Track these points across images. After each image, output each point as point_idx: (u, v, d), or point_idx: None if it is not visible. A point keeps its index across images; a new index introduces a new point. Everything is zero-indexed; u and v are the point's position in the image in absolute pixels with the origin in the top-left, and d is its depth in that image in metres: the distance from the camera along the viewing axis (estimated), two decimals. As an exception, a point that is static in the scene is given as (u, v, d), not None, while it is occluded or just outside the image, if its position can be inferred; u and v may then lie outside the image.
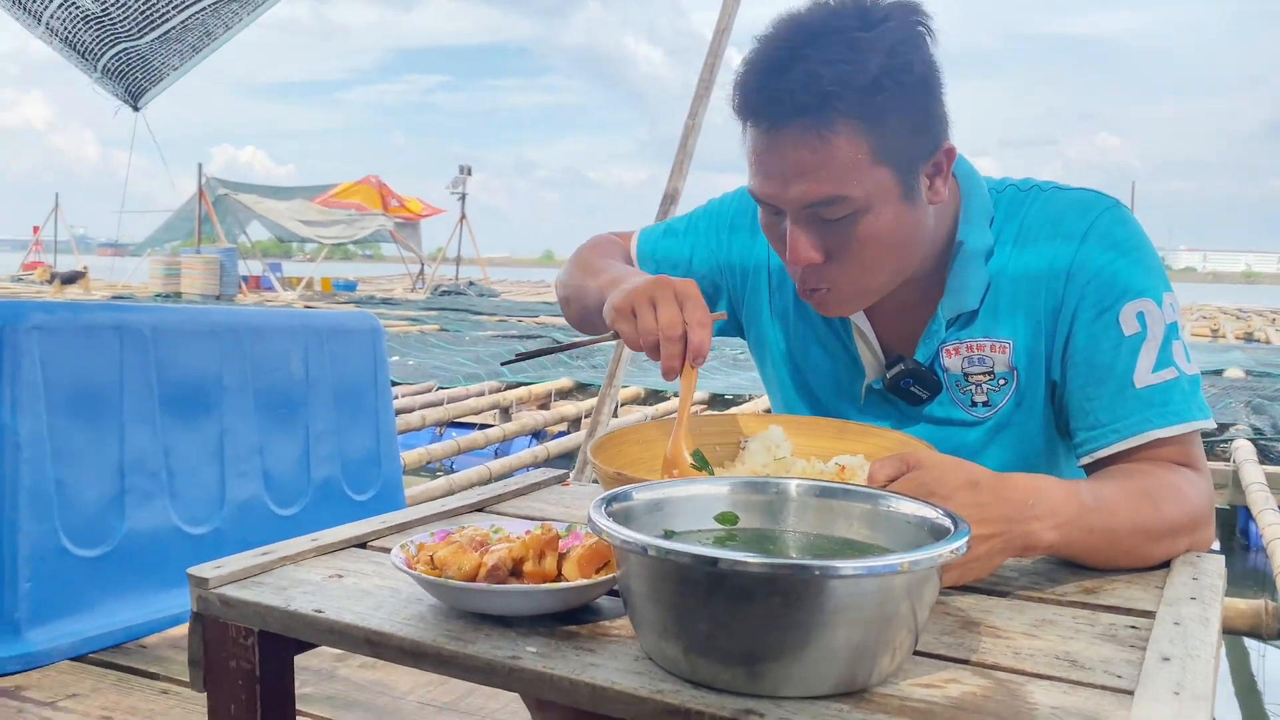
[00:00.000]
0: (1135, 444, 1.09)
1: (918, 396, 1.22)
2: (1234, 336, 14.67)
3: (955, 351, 1.20)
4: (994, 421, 1.20)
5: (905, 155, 1.09)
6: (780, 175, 1.08)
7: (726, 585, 0.68)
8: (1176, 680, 0.72)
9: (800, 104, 1.04)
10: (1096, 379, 1.11)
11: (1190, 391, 1.10)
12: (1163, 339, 1.10)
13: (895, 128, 1.07)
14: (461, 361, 7.83)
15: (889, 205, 1.09)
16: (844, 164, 1.06)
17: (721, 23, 2.39)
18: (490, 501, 1.23)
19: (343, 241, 22.80)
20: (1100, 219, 1.15)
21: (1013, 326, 1.17)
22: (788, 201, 1.09)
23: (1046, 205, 1.18)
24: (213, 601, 0.91)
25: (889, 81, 1.05)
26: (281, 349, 2.64)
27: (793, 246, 1.11)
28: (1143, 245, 1.14)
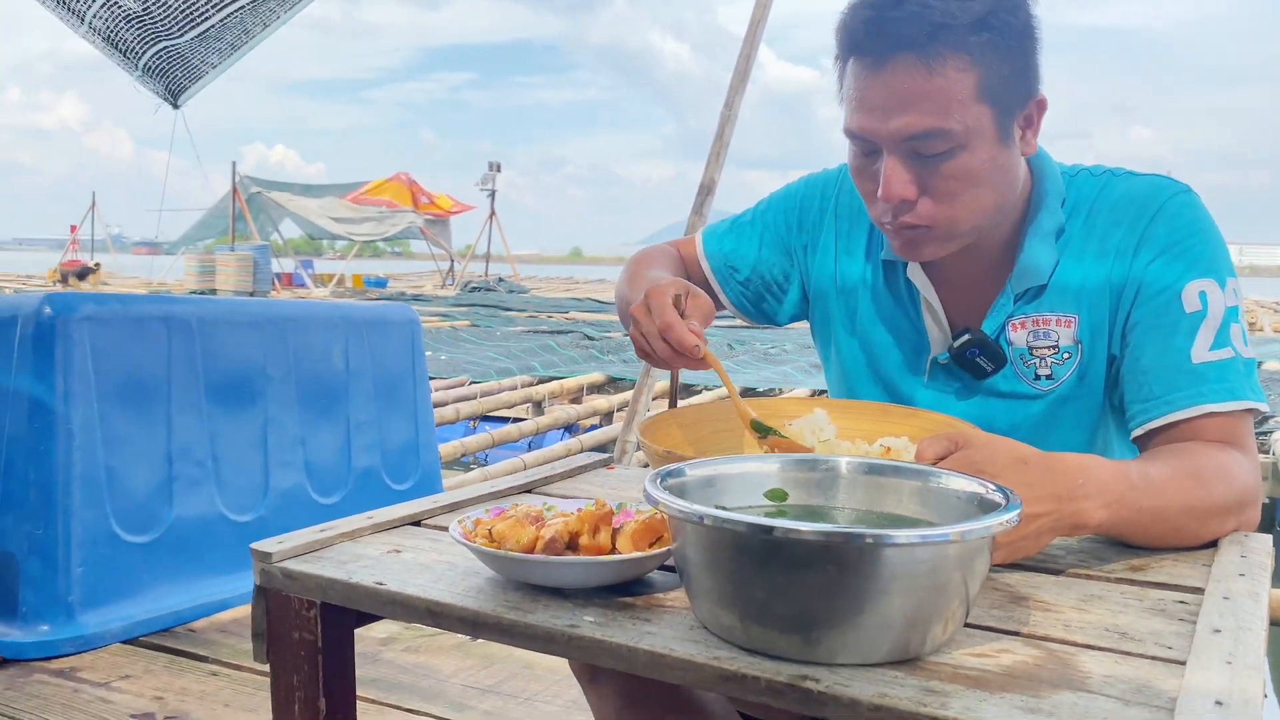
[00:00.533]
0: (1186, 416, 1.10)
1: (983, 369, 1.24)
2: (1272, 330, 14.48)
3: (1021, 325, 1.22)
4: (1057, 394, 1.22)
5: (1004, 97, 1.12)
6: (883, 108, 1.11)
7: (782, 554, 0.70)
8: (1229, 651, 0.73)
9: (908, 36, 1.08)
10: (1155, 352, 1.13)
11: (1245, 373, 1.11)
12: (1222, 319, 1.11)
13: (997, 68, 1.11)
14: (493, 356, 7.88)
15: (986, 144, 1.12)
16: (947, 97, 1.09)
17: (756, 14, 2.40)
18: (538, 483, 1.26)
19: (374, 238, 22.98)
20: (1169, 203, 1.17)
21: (1078, 303, 1.20)
22: (888, 134, 1.11)
23: (1118, 189, 1.20)
24: (276, 575, 0.94)
25: (995, 21, 1.09)
26: (322, 341, 2.68)
27: (888, 180, 1.12)
28: (1209, 230, 1.16)
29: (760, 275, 1.42)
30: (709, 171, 2.42)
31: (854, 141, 1.17)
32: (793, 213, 1.41)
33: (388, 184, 22.68)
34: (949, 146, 1.10)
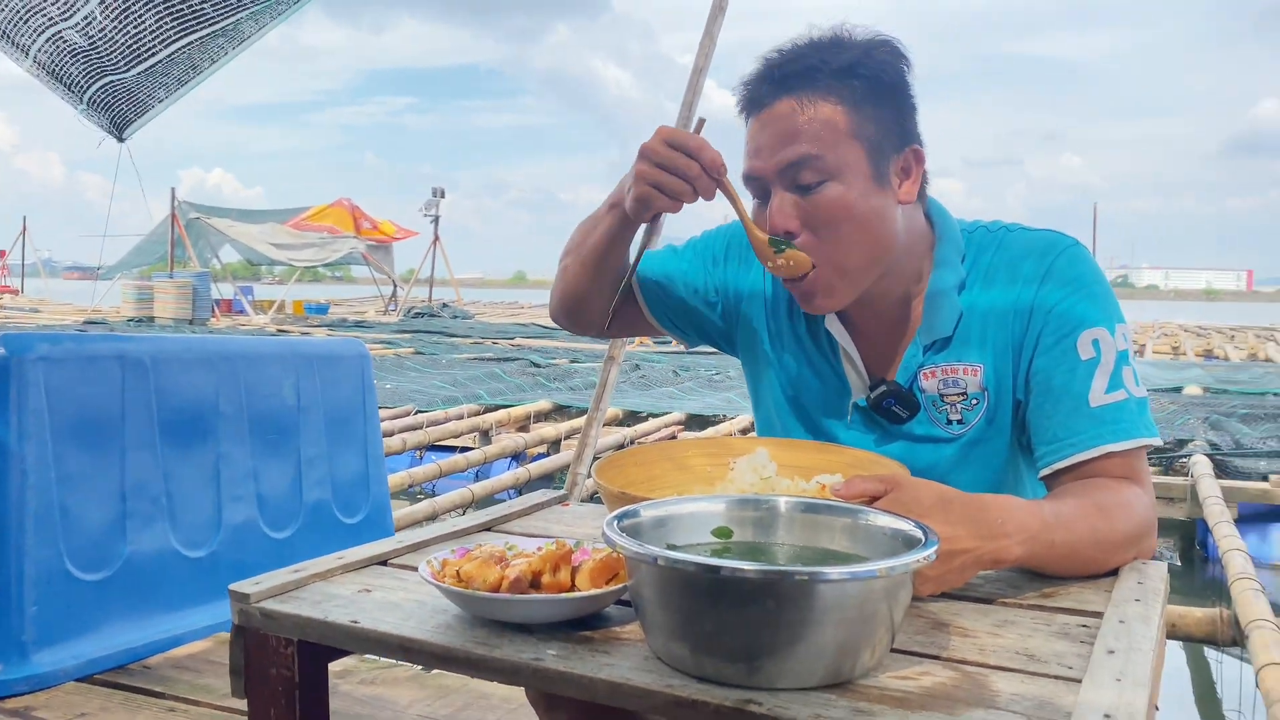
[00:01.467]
0: (1089, 457, 1.20)
1: (898, 416, 1.33)
2: (1194, 354, 15.01)
3: (932, 374, 1.31)
4: (968, 438, 1.32)
5: (877, 140, 1.24)
6: (768, 147, 1.23)
7: (728, 590, 0.78)
8: (1120, 669, 0.83)
9: (787, 82, 1.23)
10: (1055, 399, 1.23)
11: (1138, 411, 1.22)
12: (1115, 364, 1.22)
13: (868, 111, 1.23)
14: (440, 385, 7.90)
15: (860, 181, 1.23)
16: (820, 130, 1.22)
17: (699, 62, 2.51)
18: (498, 521, 1.33)
19: (315, 264, 22.77)
20: (1060, 258, 1.27)
21: (982, 352, 1.29)
22: (771, 168, 1.23)
23: (1012, 245, 1.31)
24: (254, 615, 0.99)
25: (864, 71, 1.23)
26: (274, 376, 2.72)
27: (772, 212, 1.23)
28: (1098, 280, 1.27)
29: (687, 299, 1.48)
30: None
31: (750, 188, 1.28)
32: (725, 248, 1.48)
33: (330, 209, 22.52)
34: (822, 177, 1.21)
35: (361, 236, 22.44)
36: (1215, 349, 15.78)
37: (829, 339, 1.38)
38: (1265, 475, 5.10)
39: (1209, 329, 22.90)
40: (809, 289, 1.26)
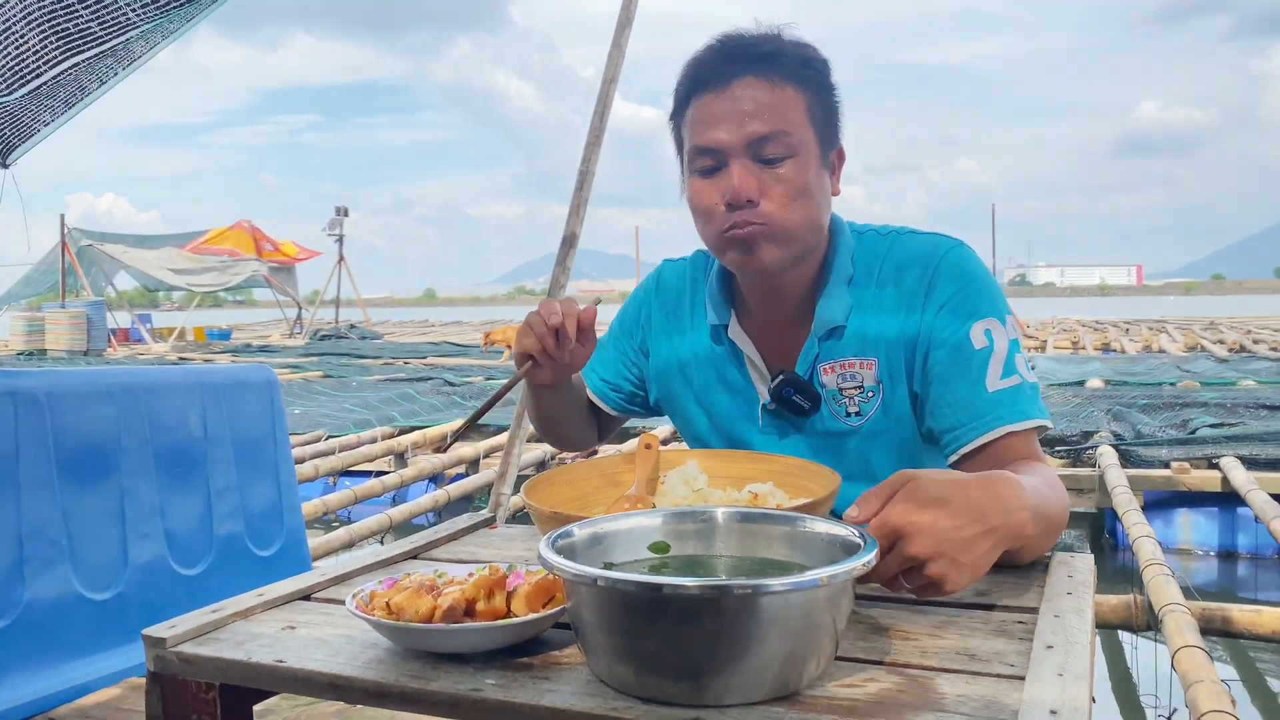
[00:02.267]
0: (992, 438, 1.24)
1: (801, 407, 1.37)
2: (1093, 348, 15.55)
3: (831, 370, 1.36)
4: (868, 428, 1.36)
5: (823, 129, 1.32)
6: (733, 119, 1.28)
7: (670, 608, 0.76)
8: (1060, 664, 0.83)
9: (750, 61, 1.29)
10: (955, 387, 1.28)
11: (1032, 396, 1.27)
12: (1007, 352, 1.28)
13: (820, 103, 1.32)
14: (350, 408, 7.72)
15: (813, 162, 1.30)
16: (786, 109, 1.28)
17: (608, 73, 2.49)
18: (424, 548, 1.29)
19: (215, 289, 22.11)
20: (946, 258, 1.33)
21: (876, 348, 1.34)
22: (738, 140, 1.28)
23: (901, 248, 1.37)
24: (170, 660, 0.94)
25: (816, 66, 1.32)
26: (179, 407, 2.61)
27: (739, 180, 1.27)
28: (984, 276, 1.33)
29: (625, 379, 1.59)
30: (570, 225, 2.49)
31: (699, 160, 1.31)
32: (629, 322, 1.60)
33: (229, 232, 21.91)
34: (787, 152, 1.28)
35: (263, 259, 21.88)
36: (1112, 343, 16.36)
37: (733, 347, 1.43)
38: (1167, 462, 5.29)
39: (1105, 323, 23.77)
40: (754, 239, 1.30)
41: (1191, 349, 14.62)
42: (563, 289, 2.44)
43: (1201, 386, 8.38)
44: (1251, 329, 18.88)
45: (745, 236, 1.30)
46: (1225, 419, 6.25)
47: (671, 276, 1.55)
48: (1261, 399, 6.87)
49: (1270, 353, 13.10)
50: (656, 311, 1.55)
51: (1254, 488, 4.60)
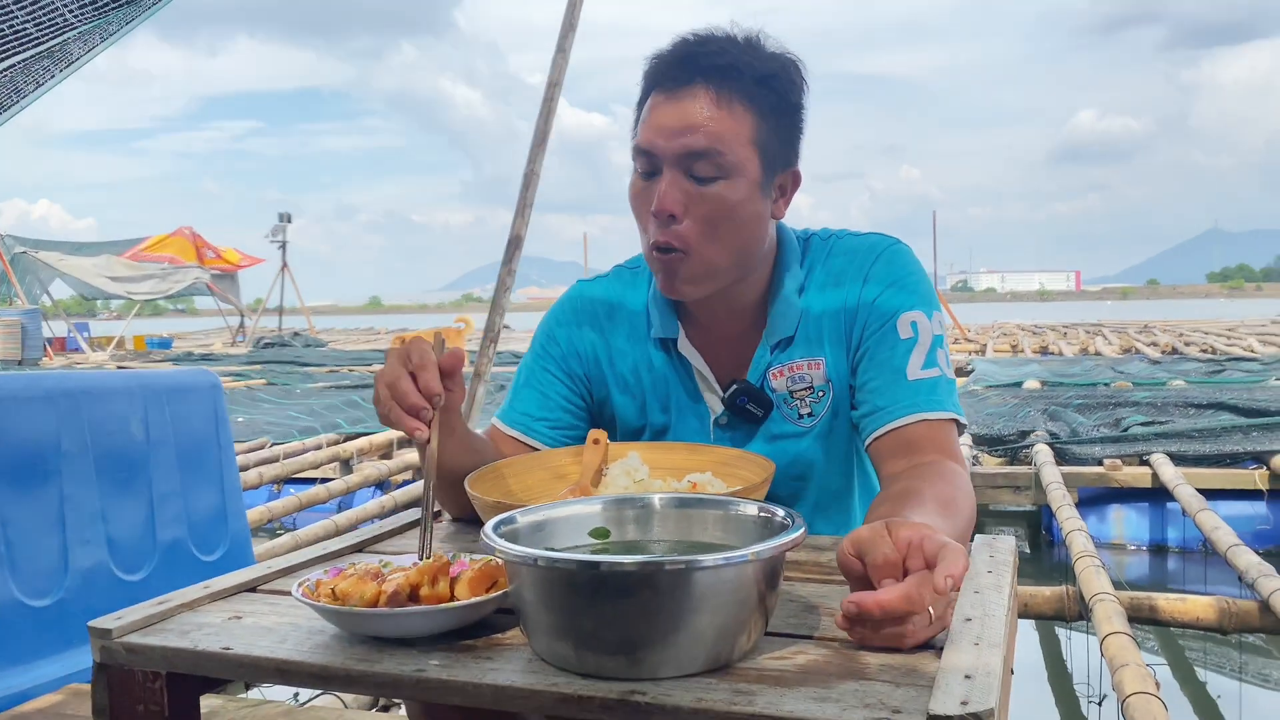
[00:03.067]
0: (905, 423, 1.28)
1: (754, 414, 1.39)
2: (1031, 351, 15.91)
3: (780, 374, 1.39)
4: (819, 429, 1.40)
5: (771, 153, 1.30)
6: (672, 127, 1.26)
7: (607, 585, 0.80)
8: (977, 634, 0.88)
9: (705, 70, 1.26)
10: (877, 373, 1.33)
11: (948, 390, 1.32)
12: (930, 345, 1.32)
13: (770, 125, 1.29)
14: (295, 415, 7.65)
15: (747, 185, 1.28)
16: (726, 129, 1.25)
17: (553, 76, 2.52)
18: (370, 542, 1.31)
19: (155, 297, 21.70)
20: (883, 255, 1.38)
21: (822, 348, 1.38)
22: (672, 150, 1.26)
23: (842, 249, 1.41)
24: (117, 650, 0.95)
25: (775, 86, 1.28)
26: (120, 411, 2.59)
27: (662, 194, 1.26)
28: (917, 273, 1.38)
29: (565, 410, 1.49)
30: (515, 227, 2.51)
31: (639, 160, 1.31)
32: (556, 348, 1.50)
33: (170, 239, 21.53)
34: (717, 173, 1.26)
35: (205, 266, 21.54)
36: (1050, 346, 16.73)
37: (682, 362, 1.43)
38: (1100, 460, 5.44)
39: (1044, 327, 24.27)
40: (673, 269, 1.30)
41: (1126, 351, 15.00)
42: (508, 291, 2.48)
43: (1134, 386, 8.62)
44: (1183, 332, 19.42)
45: (665, 265, 1.30)
46: (1156, 417, 6.44)
47: (598, 294, 1.50)
48: (1190, 398, 7.09)
49: (1200, 354, 13.50)
50: (591, 331, 1.49)
51: (1181, 483, 4.76)
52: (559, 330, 1.51)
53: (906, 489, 1.15)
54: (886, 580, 0.87)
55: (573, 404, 1.49)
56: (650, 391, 1.46)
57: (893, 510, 1.06)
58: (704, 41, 1.29)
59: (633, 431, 1.49)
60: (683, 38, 1.31)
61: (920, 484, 1.16)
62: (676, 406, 1.45)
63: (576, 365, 1.49)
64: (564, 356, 1.50)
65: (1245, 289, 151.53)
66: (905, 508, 1.05)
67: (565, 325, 1.51)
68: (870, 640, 0.86)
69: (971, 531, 1.17)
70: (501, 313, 2.36)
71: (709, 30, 1.31)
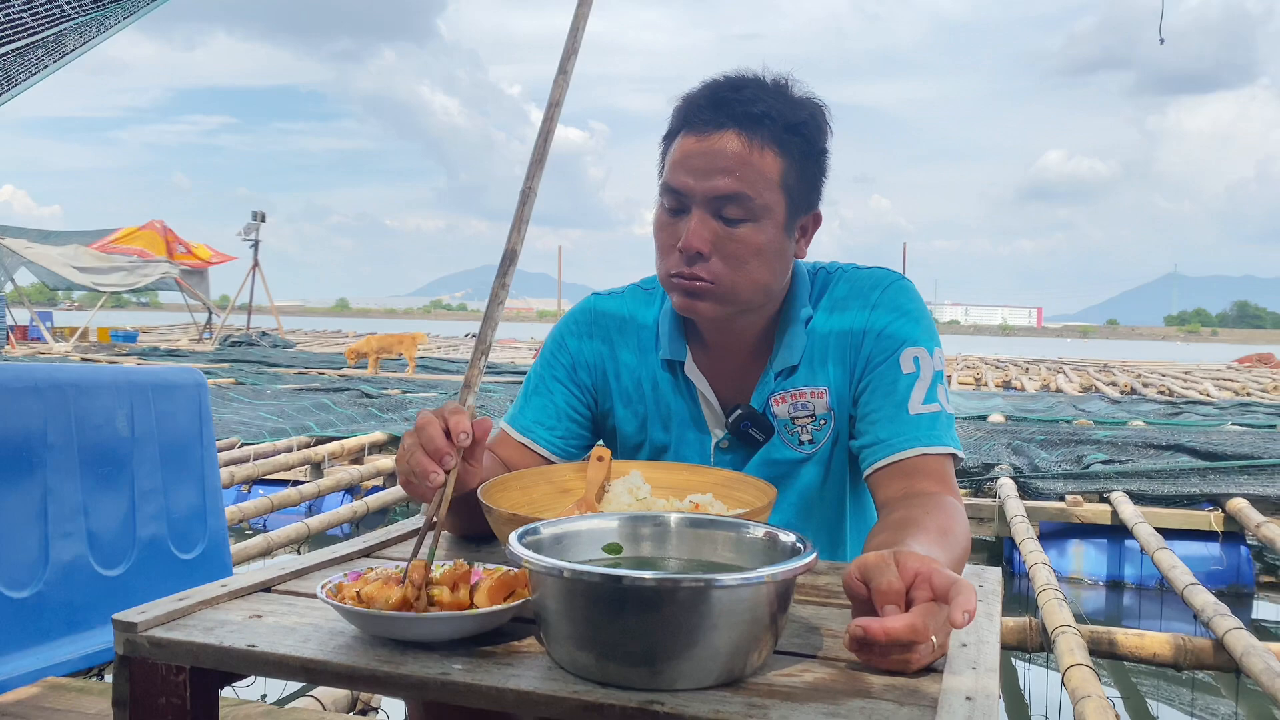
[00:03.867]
0: (906, 456, 1.33)
1: (755, 439, 1.44)
2: (994, 385, 16.12)
3: (783, 400, 1.43)
4: (820, 455, 1.45)
5: (797, 196, 1.35)
6: (704, 169, 1.31)
7: (630, 598, 0.84)
8: (973, 659, 0.93)
9: (738, 116, 1.31)
10: (879, 405, 1.37)
11: (948, 425, 1.38)
12: (931, 380, 1.38)
13: (798, 169, 1.34)
14: (265, 416, 7.61)
15: (774, 227, 1.34)
16: (758, 173, 1.31)
17: (554, 96, 2.56)
18: (376, 548, 1.34)
19: (123, 290, 21.43)
20: (888, 290, 1.43)
21: (826, 377, 1.43)
22: (702, 191, 1.31)
23: (850, 282, 1.46)
24: (141, 644, 0.98)
25: (804, 132, 1.34)
26: (106, 406, 2.59)
27: (692, 232, 1.32)
28: (920, 309, 1.43)
29: (573, 420, 1.52)
30: (511, 241, 2.53)
31: (667, 197, 1.36)
32: (566, 357, 1.54)
33: (140, 232, 21.27)
34: (747, 215, 1.32)
35: (175, 261, 21.31)
36: (1013, 380, 16.96)
37: (687, 384, 1.48)
38: (1061, 495, 5.55)
39: (1006, 362, 24.59)
40: (699, 294, 1.34)
41: (1086, 389, 15.25)
42: (501, 304, 2.50)
43: (1095, 425, 8.78)
44: (1141, 373, 19.76)
45: (690, 290, 1.35)
46: (1116, 456, 6.58)
47: (612, 309, 1.54)
48: (1149, 438, 7.24)
49: (1158, 395, 13.75)
50: (602, 343, 1.53)
51: (1140, 521, 4.86)
52: (569, 340, 1.55)
53: (906, 518, 1.20)
54: (889, 607, 0.91)
55: (579, 414, 1.53)
56: (653, 410, 1.50)
57: (892, 538, 1.11)
58: (737, 87, 1.33)
59: (632, 447, 1.53)
60: (715, 81, 1.35)
61: (920, 514, 1.20)
62: (678, 427, 1.49)
63: (585, 375, 1.53)
64: (573, 366, 1.54)
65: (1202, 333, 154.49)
66: (905, 536, 1.10)
67: (576, 335, 1.55)
68: (877, 663, 0.91)
69: (965, 561, 1.22)
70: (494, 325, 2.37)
71: (741, 74, 1.36)
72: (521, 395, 1.56)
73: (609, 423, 1.54)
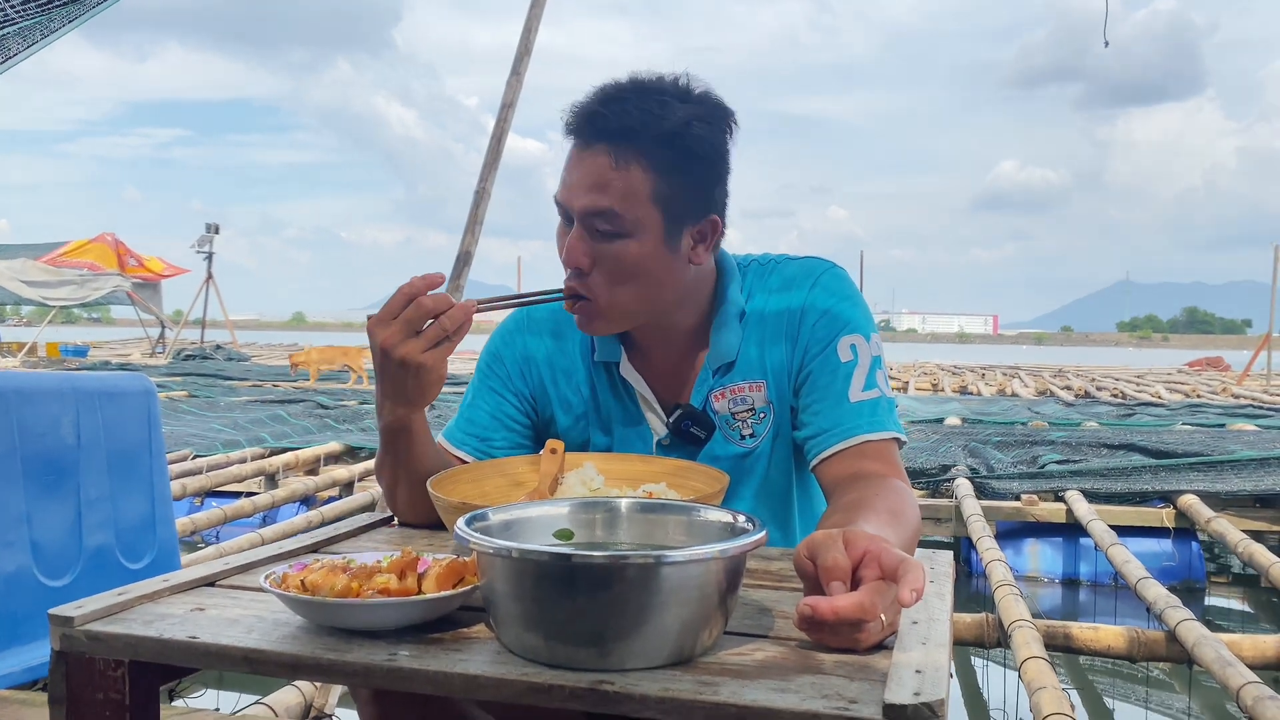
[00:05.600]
0: (850, 444, 1.34)
1: (697, 437, 1.44)
2: (951, 390, 16.31)
3: (722, 396, 1.44)
4: (761, 449, 1.45)
5: (676, 208, 1.32)
6: (578, 185, 1.31)
7: (579, 578, 0.83)
8: (924, 635, 0.93)
9: (607, 130, 1.29)
10: (820, 396, 1.38)
11: (889, 410, 1.38)
12: (870, 367, 1.38)
13: (674, 182, 1.31)
14: (218, 428, 7.50)
15: (650, 241, 1.32)
16: (624, 190, 1.29)
17: (507, 97, 2.56)
18: (325, 543, 1.32)
19: (72, 304, 21.03)
20: (821, 276, 1.44)
21: (763, 370, 1.43)
22: (576, 208, 1.31)
23: (782, 271, 1.46)
24: (78, 638, 0.95)
25: (679, 144, 1.30)
26: (51, 413, 2.53)
27: (570, 247, 1.32)
28: (854, 294, 1.44)
29: (512, 429, 1.51)
30: (465, 243, 2.53)
31: (558, 209, 1.36)
32: (501, 367, 1.52)
33: (90, 245, 20.86)
34: (617, 231, 1.30)
35: (127, 274, 20.94)
36: (969, 385, 17.15)
37: (625, 386, 1.47)
38: (1017, 495, 5.62)
39: (963, 368, 24.86)
40: (588, 312, 1.36)
41: (1041, 393, 15.46)
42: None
43: (1050, 426, 8.90)
44: (1095, 377, 20.08)
45: (576, 311, 1.36)
46: (1070, 456, 6.67)
47: (542, 314, 1.53)
48: (1103, 439, 7.35)
49: (1111, 398, 13.98)
50: (536, 350, 1.52)
51: (1094, 518, 4.93)
52: (504, 349, 1.53)
53: (857, 500, 1.20)
54: (835, 584, 0.91)
55: (517, 422, 1.51)
56: (592, 413, 1.49)
57: (844, 520, 1.11)
58: (609, 100, 1.30)
59: (574, 450, 1.51)
60: (598, 90, 1.32)
61: (870, 495, 1.21)
62: (619, 428, 1.48)
63: (521, 384, 1.52)
64: (509, 376, 1.52)
65: (1153, 339, 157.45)
66: (856, 517, 1.10)
67: (510, 345, 1.53)
68: (827, 641, 0.90)
69: (916, 543, 1.22)
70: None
71: (627, 81, 1.32)
72: (460, 408, 1.55)
73: (551, 430, 1.52)
